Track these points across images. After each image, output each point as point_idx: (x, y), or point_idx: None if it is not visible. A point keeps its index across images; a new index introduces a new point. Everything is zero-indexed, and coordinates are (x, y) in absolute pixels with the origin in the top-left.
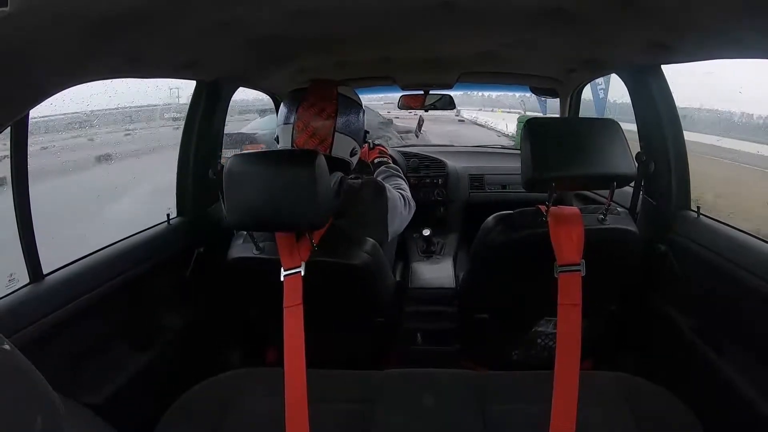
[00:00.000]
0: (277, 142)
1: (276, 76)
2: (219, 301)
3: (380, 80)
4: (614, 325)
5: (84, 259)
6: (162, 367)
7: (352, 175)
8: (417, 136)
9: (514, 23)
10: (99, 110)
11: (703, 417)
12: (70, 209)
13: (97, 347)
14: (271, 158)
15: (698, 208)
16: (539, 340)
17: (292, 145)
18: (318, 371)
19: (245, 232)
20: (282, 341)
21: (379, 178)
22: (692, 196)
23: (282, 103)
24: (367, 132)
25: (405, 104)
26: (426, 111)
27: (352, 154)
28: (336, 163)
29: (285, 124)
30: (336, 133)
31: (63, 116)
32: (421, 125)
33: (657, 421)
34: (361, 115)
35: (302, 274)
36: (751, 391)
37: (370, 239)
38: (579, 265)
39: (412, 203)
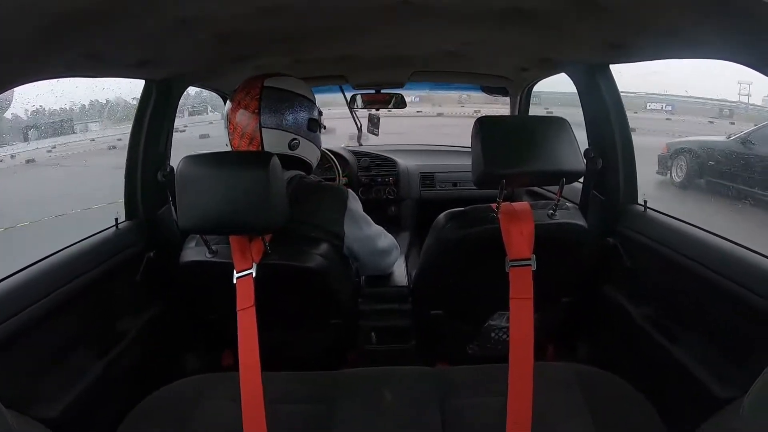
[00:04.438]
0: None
1: (229, 76)
2: (173, 306)
3: (333, 79)
4: (569, 316)
5: (30, 268)
6: (116, 377)
7: (313, 176)
8: (376, 135)
9: (471, 23)
10: None
11: (656, 402)
12: None
13: (48, 359)
14: (224, 160)
15: (645, 202)
16: (493, 334)
17: (230, 147)
18: (275, 374)
19: (198, 235)
20: (237, 344)
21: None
22: None
23: None
24: (313, 120)
25: (358, 103)
26: (377, 110)
27: (292, 147)
28: (293, 162)
29: (225, 127)
30: (263, 129)
31: None
32: (377, 122)
33: (611, 408)
34: (301, 104)
35: (253, 275)
36: (702, 374)
37: (325, 241)
38: (530, 259)
39: (397, 249)
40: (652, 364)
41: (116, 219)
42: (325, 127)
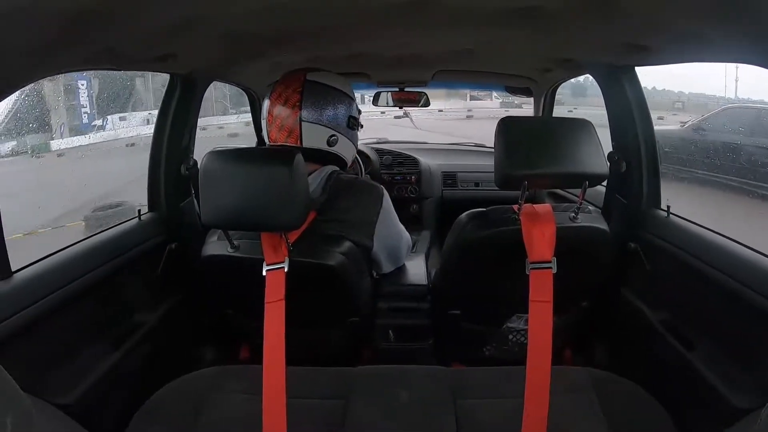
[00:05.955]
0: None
1: (251, 71)
2: (192, 298)
3: (355, 76)
4: (586, 320)
5: (54, 256)
6: (134, 365)
7: (350, 172)
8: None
9: (491, 21)
10: None
11: (672, 410)
12: None
13: (68, 346)
14: (248, 156)
15: (668, 207)
16: (511, 336)
17: (268, 140)
18: (292, 368)
19: (220, 230)
20: (257, 339)
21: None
22: None
23: None
24: (353, 118)
25: (381, 101)
26: (401, 108)
27: (330, 144)
28: (329, 158)
29: (263, 119)
30: (303, 123)
31: None
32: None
33: (626, 414)
34: (342, 101)
35: (285, 269)
36: (720, 384)
37: (348, 240)
38: (550, 262)
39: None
40: (669, 371)
41: (138, 210)
42: (362, 126)
